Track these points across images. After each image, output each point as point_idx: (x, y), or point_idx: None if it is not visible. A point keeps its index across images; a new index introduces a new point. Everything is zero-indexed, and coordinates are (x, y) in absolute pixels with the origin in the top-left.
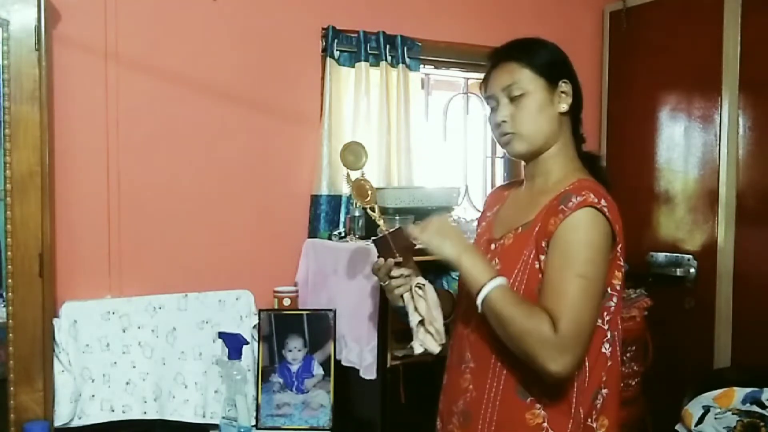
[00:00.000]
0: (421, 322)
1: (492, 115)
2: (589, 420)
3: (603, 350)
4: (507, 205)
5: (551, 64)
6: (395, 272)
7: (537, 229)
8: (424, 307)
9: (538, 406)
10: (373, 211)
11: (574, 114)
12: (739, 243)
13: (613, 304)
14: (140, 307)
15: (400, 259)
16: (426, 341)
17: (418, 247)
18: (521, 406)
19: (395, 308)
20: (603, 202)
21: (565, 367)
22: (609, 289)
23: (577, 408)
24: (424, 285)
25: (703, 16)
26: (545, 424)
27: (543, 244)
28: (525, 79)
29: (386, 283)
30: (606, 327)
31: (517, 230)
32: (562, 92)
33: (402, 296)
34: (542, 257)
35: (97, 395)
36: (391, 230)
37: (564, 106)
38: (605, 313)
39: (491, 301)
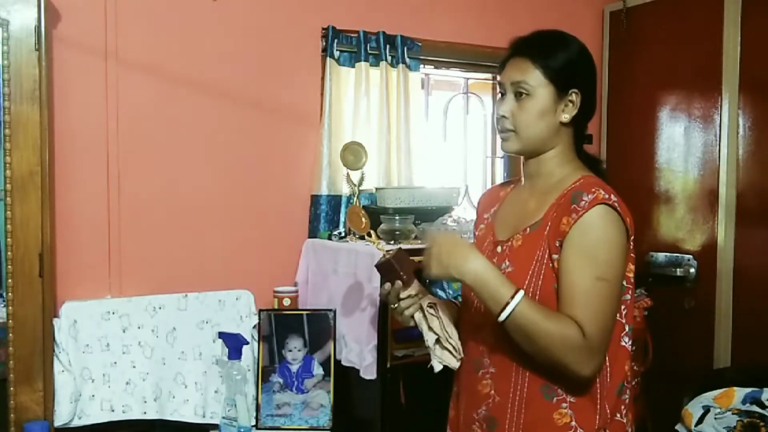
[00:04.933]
0: (438, 340)
1: (498, 102)
2: (618, 415)
3: (623, 344)
4: (506, 205)
5: (566, 71)
6: (403, 294)
7: (548, 228)
8: (438, 325)
9: (564, 405)
10: (370, 237)
11: (580, 121)
12: (739, 243)
13: (628, 297)
14: (140, 307)
15: (405, 278)
16: (445, 358)
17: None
18: (548, 407)
19: (405, 325)
20: (613, 197)
21: (594, 369)
22: (624, 282)
23: (602, 404)
24: (435, 304)
25: (703, 16)
26: (573, 423)
27: (556, 244)
28: (534, 81)
29: (395, 306)
30: (624, 321)
31: (525, 231)
32: (570, 101)
33: (413, 316)
34: (555, 256)
35: (97, 395)
36: (393, 253)
37: (566, 117)
38: (623, 307)
39: (518, 315)
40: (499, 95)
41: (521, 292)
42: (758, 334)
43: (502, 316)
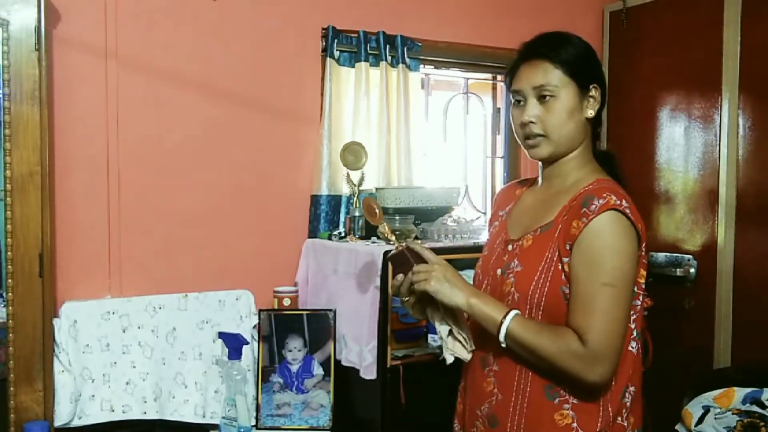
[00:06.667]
0: (450, 332)
1: (516, 110)
2: (620, 418)
3: (630, 348)
4: (521, 204)
5: (584, 68)
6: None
7: (558, 230)
8: (450, 316)
9: (566, 406)
10: (384, 229)
11: (597, 116)
12: (739, 243)
13: (638, 303)
14: (140, 307)
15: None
16: (456, 350)
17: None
18: (550, 407)
19: (416, 318)
20: (624, 203)
21: (603, 375)
22: (635, 288)
23: (605, 406)
24: None
25: (703, 16)
26: (574, 425)
27: (567, 247)
28: (557, 81)
29: (407, 298)
30: (633, 325)
31: (536, 232)
32: (591, 97)
33: (425, 309)
34: (565, 259)
35: (97, 395)
36: (406, 244)
37: (591, 112)
38: (632, 312)
39: (513, 334)
40: (515, 102)
41: (513, 312)
42: (758, 334)
43: (500, 336)
